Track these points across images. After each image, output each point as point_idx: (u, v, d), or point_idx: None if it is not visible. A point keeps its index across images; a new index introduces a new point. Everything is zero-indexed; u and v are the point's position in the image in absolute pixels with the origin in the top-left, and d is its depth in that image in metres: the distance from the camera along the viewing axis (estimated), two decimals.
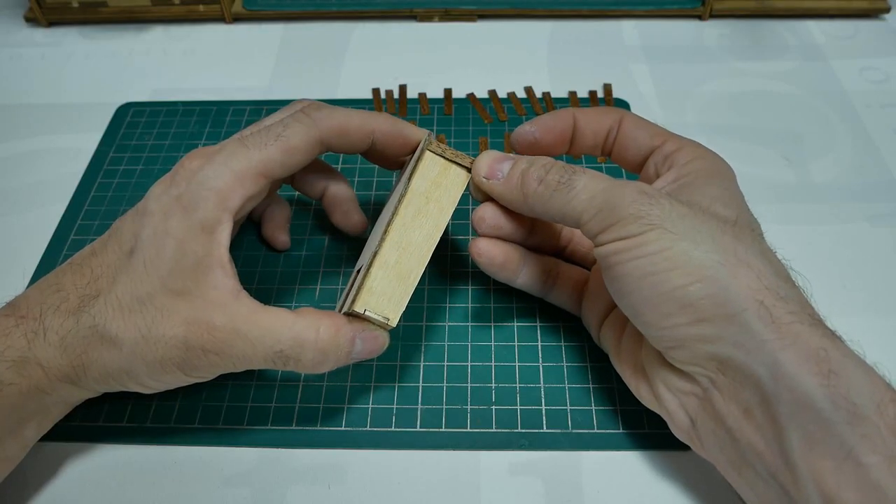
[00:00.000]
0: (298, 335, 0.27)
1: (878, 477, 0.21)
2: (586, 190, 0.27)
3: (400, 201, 0.29)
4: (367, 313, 0.28)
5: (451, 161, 0.30)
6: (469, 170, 0.30)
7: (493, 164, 0.30)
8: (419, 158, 0.30)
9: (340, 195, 0.36)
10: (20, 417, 0.27)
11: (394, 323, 0.28)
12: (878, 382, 0.22)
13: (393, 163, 0.34)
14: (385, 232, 0.29)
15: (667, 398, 0.27)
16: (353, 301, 0.28)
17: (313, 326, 0.28)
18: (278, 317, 0.27)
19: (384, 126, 0.31)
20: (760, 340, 0.23)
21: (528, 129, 0.31)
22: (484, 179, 0.30)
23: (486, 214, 0.31)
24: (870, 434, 0.21)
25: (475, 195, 0.31)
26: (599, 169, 0.33)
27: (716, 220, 0.25)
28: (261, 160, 0.28)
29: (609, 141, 0.31)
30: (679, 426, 0.27)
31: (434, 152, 0.30)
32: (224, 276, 0.27)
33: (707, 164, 0.28)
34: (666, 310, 0.25)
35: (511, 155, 0.30)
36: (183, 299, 0.27)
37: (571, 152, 0.32)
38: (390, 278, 0.28)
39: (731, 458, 0.25)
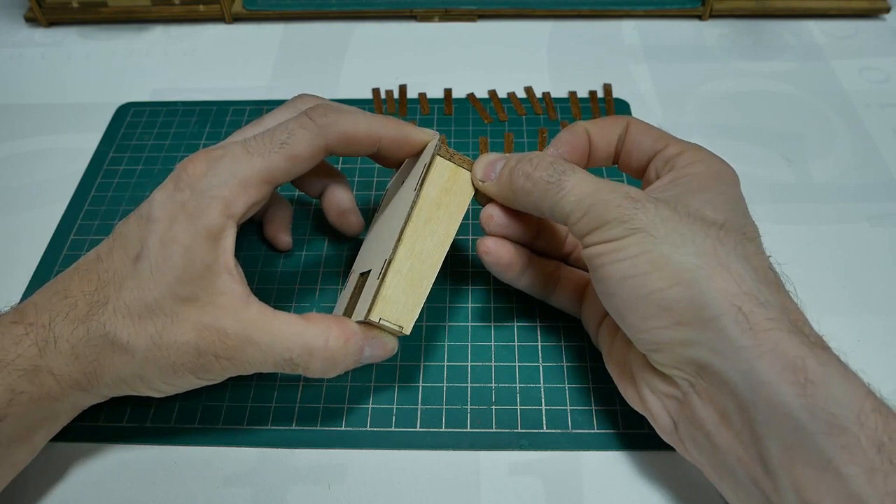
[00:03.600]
0: (308, 343, 0.27)
1: (859, 488, 0.21)
2: (575, 191, 0.27)
3: (412, 209, 0.29)
4: (381, 322, 0.28)
5: (460, 166, 0.30)
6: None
7: (487, 166, 0.30)
8: (429, 164, 0.30)
9: (339, 196, 0.36)
10: (31, 424, 0.27)
11: (407, 331, 0.28)
12: (858, 392, 0.22)
13: (395, 163, 0.34)
14: (398, 240, 0.29)
15: (650, 400, 0.27)
16: (369, 310, 0.28)
17: (322, 335, 0.28)
18: (288, 323, 0.28)
19: (391, 132, 0.31)
20: (737, 347, 0.23)
21: (555, 153, 0.31)
22: (480, 182, 0.30)
23: (495, 213, 0.31)
24: (849, 445, 0.21)
25: (477, 198, 0.31)
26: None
27: (700, 224, 0.25)
28: (265, 167, 0.28)
29: (617, 149, 0.31)
30: (663, 428, 0.27)
31: (444, 157, 0.30)
32: (232, 282, 0.27)
33: (705, 168, 0.28)
34: (645, 312, 0.25)
35: (506, 155, 0.30)
36: (192, 306, 0.27)
37: (587, 166, 0.32)
38: (404, 286, 0.28)
39: (713, 462, 0.25)
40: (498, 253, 0.31)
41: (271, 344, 0.27)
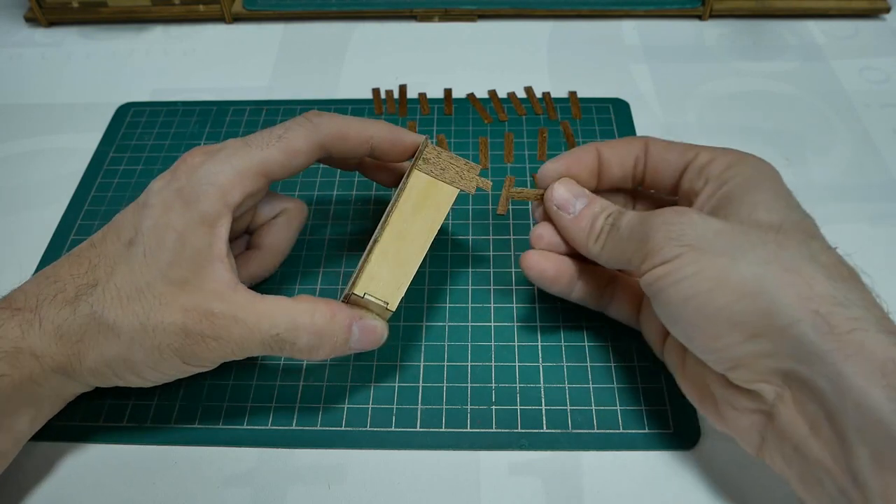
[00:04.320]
0: (294, 319, 0.28)
1: None
2: (627, 227, 0.27)
3: (399, 195, 0.30)
4: (366, 297, 0.28)
5: (448, 165, 0.31)
6: (456, 180, 0.31)
7: (568, 197, 0.30)
8: (417, 157, 0.31)
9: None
10: (12, 409, 0.27)
11: (393, 307, 0.29)
12: None
13: (391, 172, 0.35)
14: (384, 222, 0.29)
15: (733, 418, 0.26)
16: (353, 285, 0.29)
17: (309, 311, 0.28)
18: (275, 302, 0.28)
19: (382, 132, 0.31)
20: (820, 352, 0.22)
21: (554, 167, 0.31)
22: (555, 208, 0.30)
23: (545, 233, 0.31)
24: None
25: (536, 214, 0.32)
26: None
27: (756, 231, 0.24)
28: (262, 160, 0.29)
29: (638, 170, 0.31)
30: (750, 445, 0.26)
31: (430, 160, 0.31)
32: (223, 269, 0.28)
33: (744, 170, 0.27)
34: (714, 331, 0.24)
35: (586, 191, 0.30)
36: (182, 289, 0.27)
37: (600, 187, 0.32)
38: (390, 265, 0.29)
39: (801, 474, 0.24)
40: (541, 266, 0.31)
41: (257, 322, 0.27)
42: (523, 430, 0.31)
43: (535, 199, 0.32)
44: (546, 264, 0.31)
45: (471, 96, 0.47)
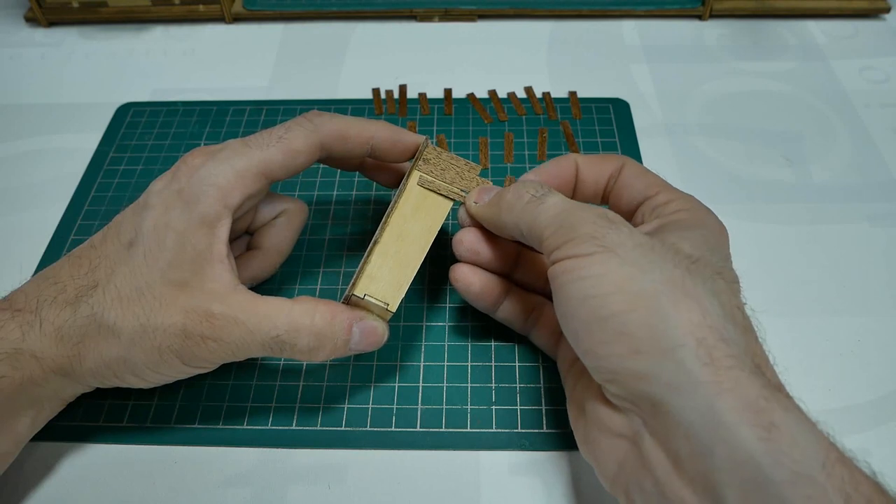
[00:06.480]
0: (294, 321, 0.28)
1: None
2: (554, 206, 0.27)
3: (399, 196, 0.30)
4: (366, 298, 0.28)
5: (448, 165, 0.31)
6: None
7: (481, 192, 0.31)
8: (418, 159, 0.31)
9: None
10: (12, 410, 0.27)
11: (393, 308, 0.29)
12: (822, 440, 0.20)
13: (390, 175, 0.35)
14: (385, 223, 0.29)
15: (597, 440, 0.25)
16: (353, 286, 0.29)
17: (309, 312, 0.28)
18: (275, 304, 0.28)
19: (382, 132, 0.31)
20: (695, 382, 0.21)
21: (531, 179, 0.31)
22: (473, 203, 0.31)
23: (465, 237, 0.31)
24: (815, 496, 0.19)
25: (461, 222, 0.32)
26: None
27: (672, 253, 0.24)
28: (262, 160, 0.29)
29: (609, 187, 0.31)
30: (605, 473, 0.25)
31: (430, 160, 0.31)
32: (223, 270, 0.28)
33: (692, 216, 0.27)
34: (603, 337, 0.23)
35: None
36: (182, 290, 0.27)
37: (573, 199, 0.31)
38: (390, 266, 0.29)
39: None
40: (467, 280, 0.31)
41: (258, 324, 0.27)
42: (523, 430, 0.31)
43: (449, 194, 0.31)
44: (473, 278, 0.31)
45: (471, 96, 0.47)
